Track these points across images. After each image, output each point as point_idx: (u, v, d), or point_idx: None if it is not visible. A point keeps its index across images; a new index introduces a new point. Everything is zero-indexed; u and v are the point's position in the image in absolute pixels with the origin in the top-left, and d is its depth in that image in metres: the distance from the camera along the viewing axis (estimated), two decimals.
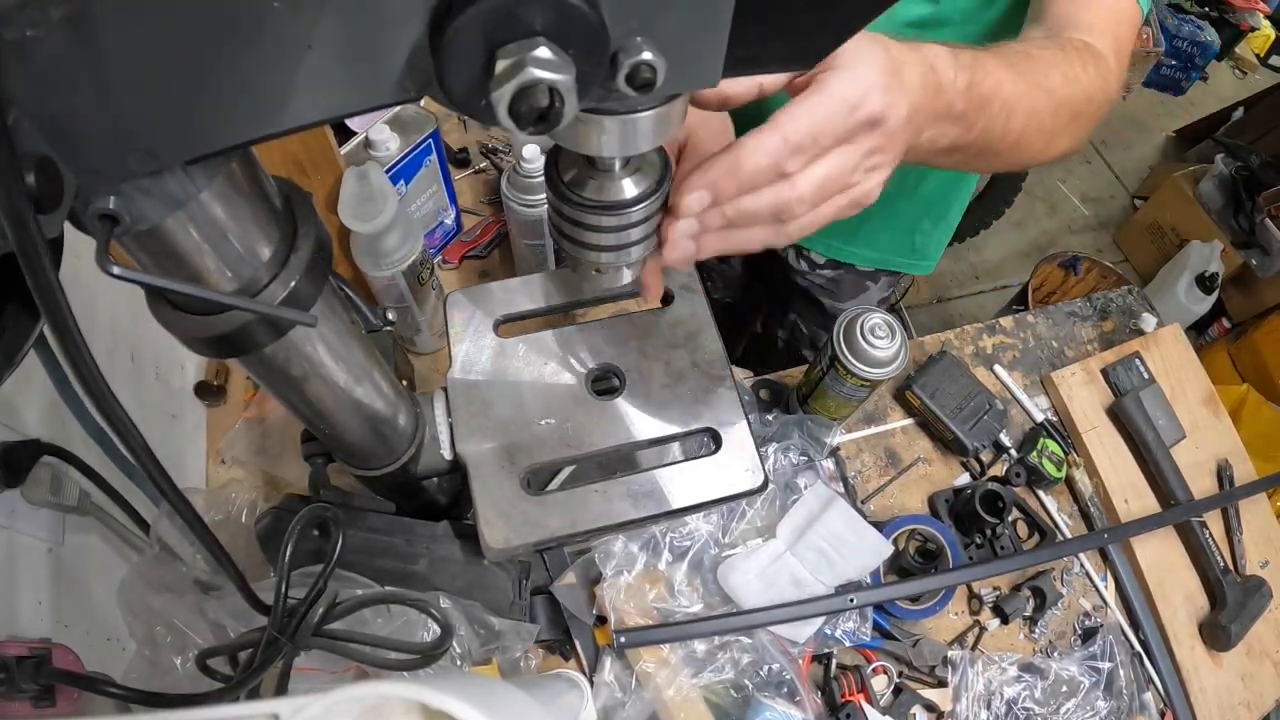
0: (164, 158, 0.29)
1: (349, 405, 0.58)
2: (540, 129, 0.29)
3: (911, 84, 0.52)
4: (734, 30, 0.32)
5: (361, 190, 0.88)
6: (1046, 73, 0.66)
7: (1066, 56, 0.69)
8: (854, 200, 0.54)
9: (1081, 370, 1.12)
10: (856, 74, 0.48)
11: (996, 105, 0.61)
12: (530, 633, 0.78)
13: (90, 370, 0.29)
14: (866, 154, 0.51)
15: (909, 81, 0.52)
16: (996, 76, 0.60)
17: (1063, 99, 0.67)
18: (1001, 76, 0.61)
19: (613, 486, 0.71)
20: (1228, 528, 1.06)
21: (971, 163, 0.67)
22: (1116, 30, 0.77)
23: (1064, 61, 0.69)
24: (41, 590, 0.69)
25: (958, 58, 0.58)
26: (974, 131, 0.61)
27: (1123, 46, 0.78)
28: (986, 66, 0.60)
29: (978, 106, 0.59)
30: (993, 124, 0.62)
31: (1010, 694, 0.89)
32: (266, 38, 0.26)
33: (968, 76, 0.58)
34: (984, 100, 0.60)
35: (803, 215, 0.51)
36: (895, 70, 0.50)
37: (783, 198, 0.49)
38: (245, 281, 0.39)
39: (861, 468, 1.05)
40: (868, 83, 0.49)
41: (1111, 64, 0.74)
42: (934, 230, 1.24)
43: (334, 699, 0.34)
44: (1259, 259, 2.64)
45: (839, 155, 0.50)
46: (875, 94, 0.49)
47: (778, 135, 0.47)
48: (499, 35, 0.27)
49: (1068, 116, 0.69)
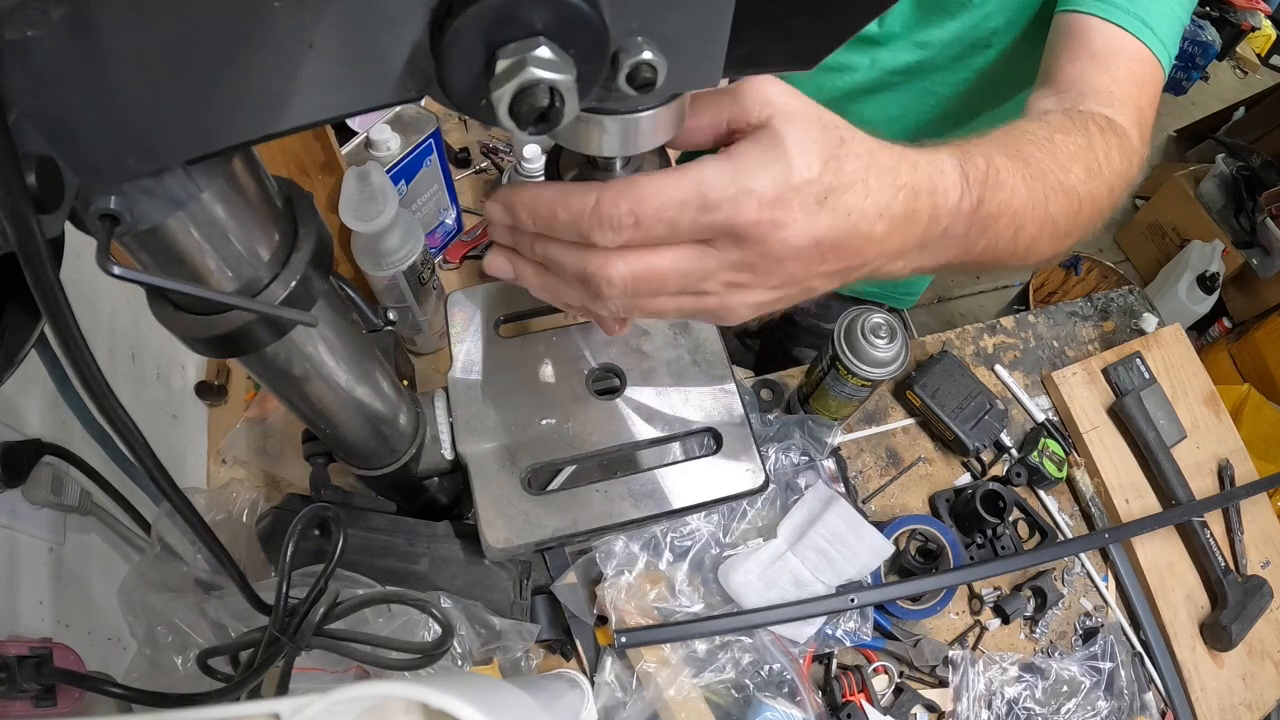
0: (165, 157, 0.29)
1: (350, 405, 0.58)
2: (541, 129, 0.29)
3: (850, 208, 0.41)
4: (734, 30, 0.31)
5: (362, 190, 0.88)
6: (1068, 167, 0.57)
7: (1090, 143, 0.61)
8: (707, 310, 0.44)
9: (1082, 370, 1.12)
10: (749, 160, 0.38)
11: (1004, 222, 0.52)
12: (531, 632, 0.78)
13: (91, 370, 0.29)
14: (729, 267, 0.41)
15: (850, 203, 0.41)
16: (1008, 187, 0.51)
17: (1084, 197, 0.58)
18: (1014, 185, 0.52)
19: (614, 486, 0.71)
20: (1229, 528, 1.06)
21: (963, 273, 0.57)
22: (1139, 98, 0.69)
23: (1087, 150, 0.60)
24: (43, 590, 0.70)
25: (969, 172, 0.48)
26: (973, 252, 0.52)
27: (1145, 116, 0.69)
28: (999, 177, 0.50)
29: (981, 228, 0.50)
30: (997, 241, 0.52)
31: (1011, 694, 0.89)
32: (267, 37, 0.26)
33: (976, 195, 0.48)
34: (990, 219, 0.50)
35: (614, 300, 0.42)
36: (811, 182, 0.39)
37: (588, 270, 0.40)
38: (246, 281, 0.39)
39: (862, 467, 1.05)
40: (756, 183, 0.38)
41: (1135, 141, 0.66)
42: None
43: (334, 699, 0.34)
44: (1260, 259, 2.64)
45: (684, 254, 0.40)
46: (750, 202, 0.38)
47: (591, 196, 0.38)
48: (499, 35, 0.27)
49: (1088, 214, 0.60)
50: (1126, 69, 0.70)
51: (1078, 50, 0.71)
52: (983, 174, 0.49)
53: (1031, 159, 0.55)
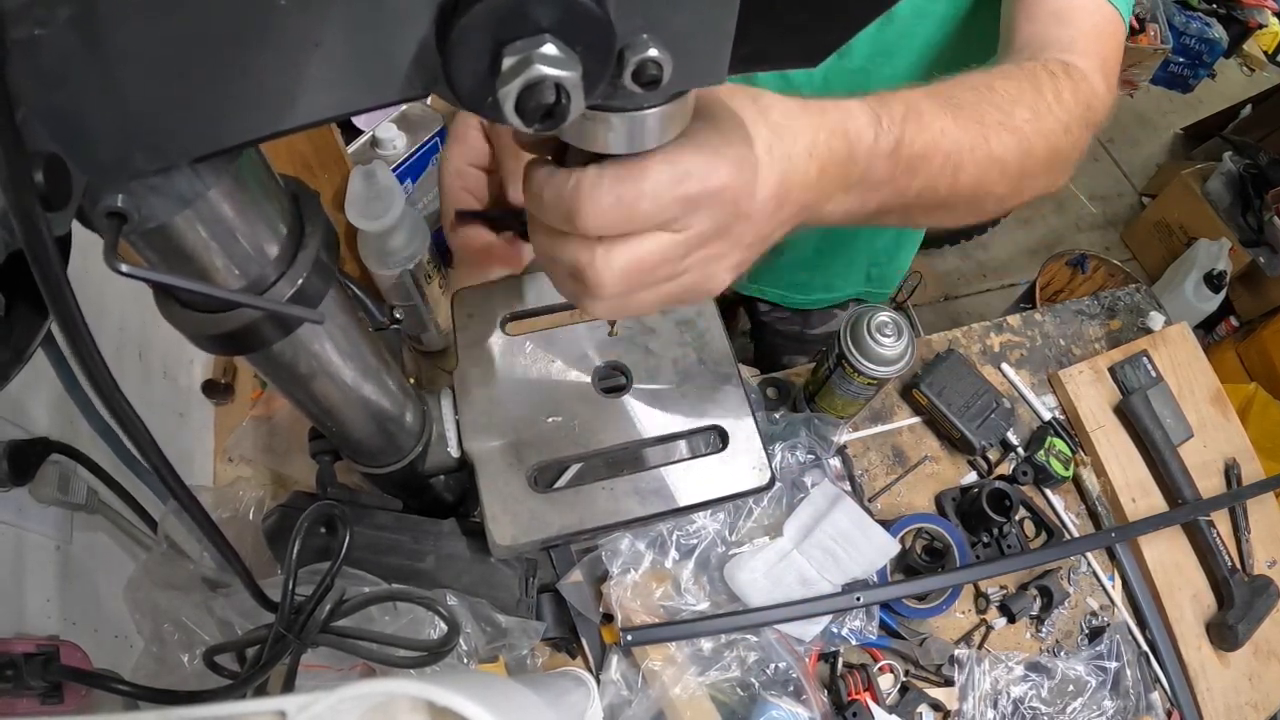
0: (172, 155, 0.29)
1: (356, 403, 0.58)
2: (547, 126, 0.29)
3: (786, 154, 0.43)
4: (739, 28, 0.32)
5: (368, 189, 0.88)
6: (1008, 109, 0.58)
7: (1036, 85, 0.61)
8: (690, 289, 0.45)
9: (1089, 369, 1.11)
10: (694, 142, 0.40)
11: (936, 162, 0.53)
12: (536, 630, 0.78)
13: (98, 366, 0.29)
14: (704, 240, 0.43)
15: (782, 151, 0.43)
16: (936, 128, 0.52)
17: (1032, 135, 0.59)
18: (943, 126, 0.53)
19: (620, 484, 0.71)
20: (1235, 527, 1.05)
21: (920, 220, 0.59)
22: (1100, 46, 0.68)
23: (1032, 91, 0.60)
24: (49, 588, 0.70)
25: (883, 114, 0.49)
26: (908, 194, 0.53)
27: (1109, 63, 0.69)
28: (923, 119, 0.52)
29: (908, 168, 0.51)
30: (934, 182, 0.54)
31: (1017, 693, 0.89)
32: (274, 36, 0.26)
33: (895, 135, 0.49)
34: (917, 159, 0.51)
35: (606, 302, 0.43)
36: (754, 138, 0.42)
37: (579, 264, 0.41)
38: (253, 279, 0.39)
39: (868, 466, 1.04)
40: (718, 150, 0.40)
41: (1097, 84, 0.66)
42: (890, 261, 1.24)
43: (340, 696, 0.34)
44: (1267, 257, 2.63)
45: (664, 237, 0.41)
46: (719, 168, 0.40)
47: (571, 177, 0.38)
48: (506, 33, 0.27)
49: (1043, 154, 0.60)
50: (1088, 20, 0.69)
51: (1035, 10, 0.71)
52: (900, 115, 0.50)
53: (966, 103, 0.56)
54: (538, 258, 0.45)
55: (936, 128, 0.52)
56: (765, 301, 1.34)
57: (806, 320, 1.35)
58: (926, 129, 0.52)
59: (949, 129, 0.53)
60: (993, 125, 0.56)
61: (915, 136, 0.51)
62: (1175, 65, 3.49)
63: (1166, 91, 3.62)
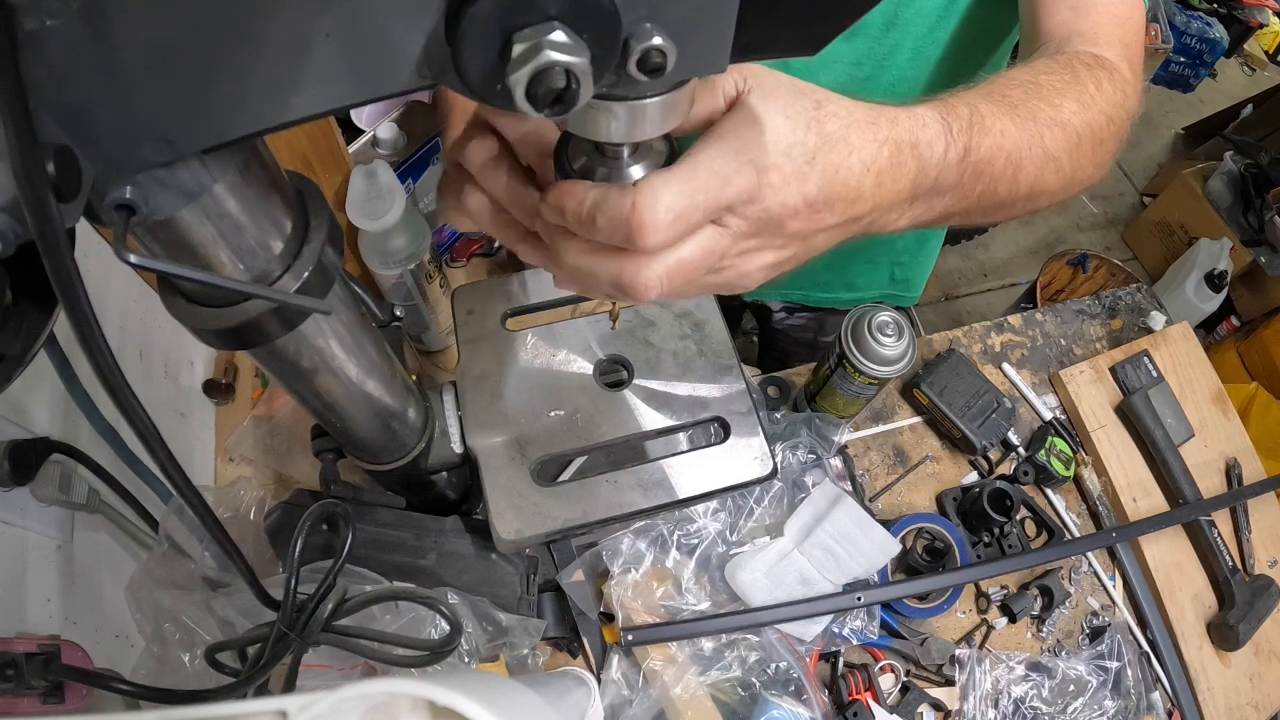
0: (180, 147, 0.29)
1: (359, 399, 0.58)
2: (557, 111, 0.29)
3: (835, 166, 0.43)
4: (741, 16, 0.32)
5: (369, 188, 0.88)
6: (1057, 103, 0.58)
7: (1077, 77, 0.62)
8: (725, 284, 0.46)
9: (1090, 368, 1.11)
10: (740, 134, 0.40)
11: (999, 164, 0.53)
12: (538, 629, 0.78)
13: (105, 356, 0.29)
14: (739, 237, 0.43)
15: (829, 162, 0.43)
16: (997, 130, 0.53)
17: (1080, 129, 0.59)
18: (1003, 128, 0.53)
19: (623, 476, 0.71)
20: (1236, 527, 1.05)
21: (977, 220, 0.59)
22: (1123, 35, 0.69)
23: (1075, 84, 0.61)
24: (50, 587, 0.70)
25: (951, 123, 0.49)
26: (971, 198, 0.53)
27: (1133, 52, 0.70)
28: (985, 123, 0.52)
29: (974, 174, 0.52)
30: (995, 184, 0.54)
31: (1018, 693, 0.89)
32: (284, 27, 0.26)
33: (963, 144, 0.50)
34: (983, 164, 0.52)
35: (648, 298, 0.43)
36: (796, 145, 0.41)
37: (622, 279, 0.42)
38: (258, 273, 0.39)
39: (869, 466, 1.04)
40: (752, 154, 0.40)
41: (1126, 73, 0.66)
42: (913, 262, 1.24)
43: (341, 696, 0.34)
44: (1268, 257, 2.63)
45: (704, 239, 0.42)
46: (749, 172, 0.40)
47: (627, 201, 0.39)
48: (515, 20, 0.27)
49: (1090, 146, 0.60)
50: (1105, 10, 0.70)
51: (1054, 5, 0.72)
52: (966, 122, 0.50)
53: (1018, 101, 0.56)
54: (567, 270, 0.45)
55: (998, 130, 0.53)
56: (783, 307, 1.34)
57: (821, 326, 1.34)
58: (989, 132, 0.52)
59: (1009, 130, 0.54)
60: (1045, 122, 0.57)
61: (980, 142, 0.51)
62: (1176, 65, 3.50)
63: (1167, 91, 3.63)
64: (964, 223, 0.58)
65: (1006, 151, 0.53)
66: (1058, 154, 0.57)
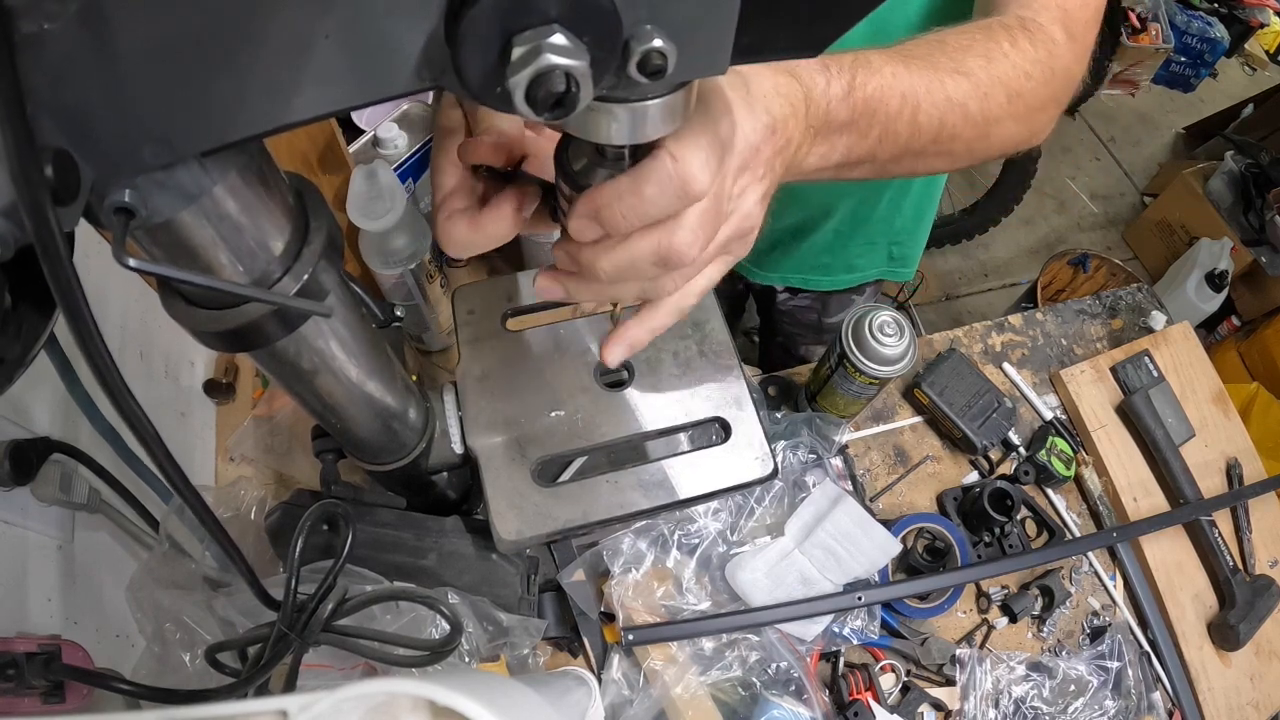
0: (179, 149, 0.29)
1: (360, 399, 0.58)
2: (557, 114, 0.29)
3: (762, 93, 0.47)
4: (741, 18, 0.32)
5: (370, 188, 0.88)
6: (959, 57, 0.60)
7: (991, 35, 0.63)
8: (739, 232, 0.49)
9: (1090, 368, 1.11)
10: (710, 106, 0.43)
11: (893, 104, 0.55)
12: (538, 628, 0.78)
13: (104, 362, 0.29)
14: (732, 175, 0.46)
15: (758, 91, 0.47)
16: (887, 72, 0.55)
17: (988, 81, 0.61)
18: (894, 70, 0.55)
19: (623, 477, 0.71)
20: (1237, 527, 1.05)
21: (895, 169, 0.61)
22: (1062, 1, 0.70)
23: (986, 41, 0.63)
24: (51, 587, 0.70)
25: (830, 63, 0.52)
26: (871, 137, 0.56)
27: (1073, 17, 0.70)
28: (871, 64, 0.54)
29: (867, 110, 0.54)
30: (894, 125, 0.56)
31: (1018, 693, 0.89)
32: (283, 29, 0.26)
33: (845, 80, 0.52)
34: (874, 101, 0.54)
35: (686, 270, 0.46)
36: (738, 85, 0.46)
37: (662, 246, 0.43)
38: (258, 275, 0.39)
39: (870, 465, 1.04)
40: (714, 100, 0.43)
41: (1057, 34, 0.67)
42: (910, 239, 1.24)
43: (342, 696, 0.34)
44: (1269, 257, 2.63)
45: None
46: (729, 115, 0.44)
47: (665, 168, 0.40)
48: (515, 23, 0.27)
49: (1003, 98, 0.62)
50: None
51: None
52: (849, 62, 0.53)
53: (914, 53, 0.59)
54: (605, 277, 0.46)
55: (887, 71, 0.55)
56: (785, 289, 1.34)
57: (825, 307, 1.34)
58: (877, 73, 0.54)
59: (900, 73, 0.56)
60: (946, 70, 0.59)
61: (867, 79, 0.53)
62: (1177, 64, 3.50)
63: (1168, 91, 3.63)
64: (880, 173, 0.61)
65: (900, 92, 0.55)
66: (963, 100, 0.59)
